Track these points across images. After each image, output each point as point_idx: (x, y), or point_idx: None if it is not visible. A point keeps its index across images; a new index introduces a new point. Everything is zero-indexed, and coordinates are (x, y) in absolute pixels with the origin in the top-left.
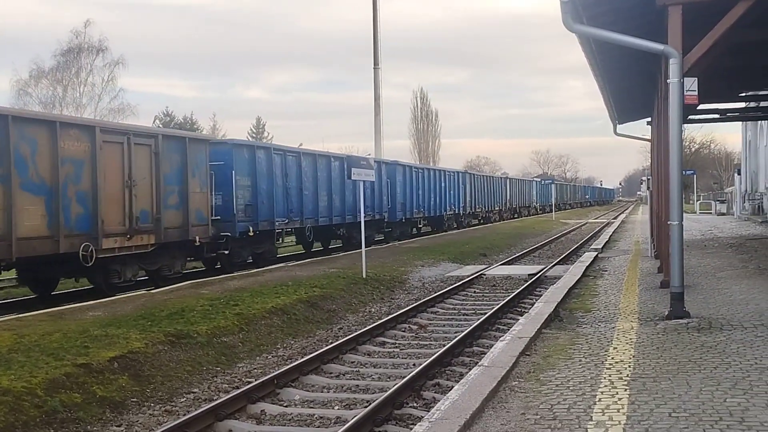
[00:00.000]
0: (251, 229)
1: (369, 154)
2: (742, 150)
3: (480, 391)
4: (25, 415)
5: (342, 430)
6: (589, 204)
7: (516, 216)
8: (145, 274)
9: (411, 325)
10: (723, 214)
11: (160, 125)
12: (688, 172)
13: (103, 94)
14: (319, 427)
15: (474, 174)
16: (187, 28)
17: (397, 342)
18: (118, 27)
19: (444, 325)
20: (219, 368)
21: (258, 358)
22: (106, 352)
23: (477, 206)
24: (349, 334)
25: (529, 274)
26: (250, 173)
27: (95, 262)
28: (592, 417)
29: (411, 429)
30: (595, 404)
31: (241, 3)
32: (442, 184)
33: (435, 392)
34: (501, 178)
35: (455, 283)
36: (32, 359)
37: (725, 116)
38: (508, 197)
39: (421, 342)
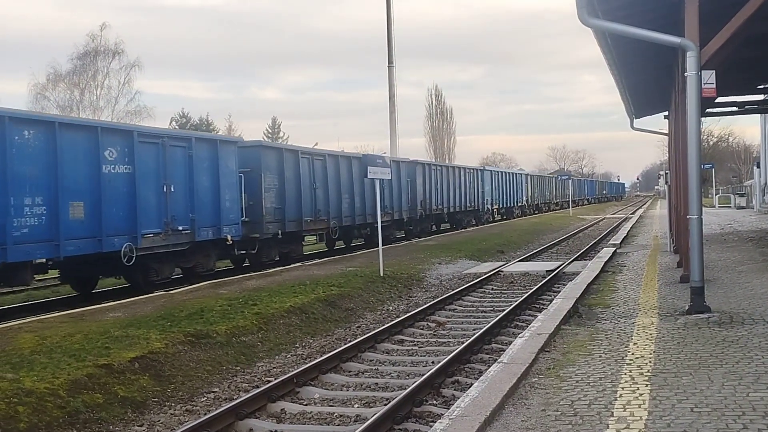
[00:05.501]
0: (430, 210)
1: (384, 153)
2: (761, 143)
3: (500, 388)
4: (48, 415)
5: (362, 428)
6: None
7: (570, 207)
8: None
9: (429, 323)
10: (742, 208)
11: (176, 127)
12: (706, 166)
13: (120, 97)
14: (339, 425)
15: (531, 175)
16: (202, 29)
17: (416, 340)
18: (133, 30)
19: (462, 323)
20: (239, 368)
21: (277, 357)
22: (127, 353)
23: (533, 200)
24: (368, 333)
25: (547, 271)
26: (425, 181)
27: (339, 233)
28: (613, 413)
29: (431, 426)
30: (616, 400)
31: (254, 4)
32: (511, 183)
33: (454, 389)
34: (551, 177)
35: (473, 281)
36: (54, 360)
37: (744, 109)
38: (555, 192)
39: (439, 339)
